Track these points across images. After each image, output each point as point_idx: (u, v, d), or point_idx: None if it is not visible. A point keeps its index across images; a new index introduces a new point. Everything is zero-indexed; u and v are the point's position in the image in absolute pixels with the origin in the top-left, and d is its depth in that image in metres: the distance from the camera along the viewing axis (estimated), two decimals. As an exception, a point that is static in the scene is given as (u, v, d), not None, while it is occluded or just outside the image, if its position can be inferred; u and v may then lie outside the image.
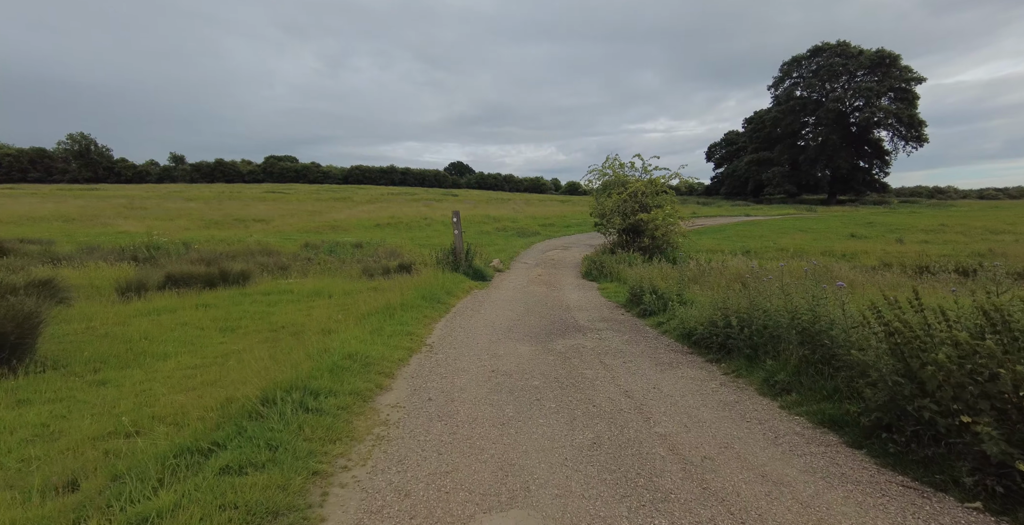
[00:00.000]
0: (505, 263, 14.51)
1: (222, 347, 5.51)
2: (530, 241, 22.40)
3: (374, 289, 8.89)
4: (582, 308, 7.73)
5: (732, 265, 11.27)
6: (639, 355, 5.19)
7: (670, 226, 12.61)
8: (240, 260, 12.29)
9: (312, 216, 33.07)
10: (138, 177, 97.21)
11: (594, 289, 10.26)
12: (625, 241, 12.79)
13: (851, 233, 22.72)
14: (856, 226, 26.54)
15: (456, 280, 9.53)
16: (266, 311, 7.29)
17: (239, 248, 14.96)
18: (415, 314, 6.33)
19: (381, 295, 7.47)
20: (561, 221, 34.46)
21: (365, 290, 8.84)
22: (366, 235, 23.23)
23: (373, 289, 8.87)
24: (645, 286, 7.07)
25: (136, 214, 30.79)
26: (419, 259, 13.16)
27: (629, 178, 13.51)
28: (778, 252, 16.41)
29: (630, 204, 12.93)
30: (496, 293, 9.28)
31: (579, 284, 11.07)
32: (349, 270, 12.12)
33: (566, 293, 9.48)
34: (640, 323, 6.60)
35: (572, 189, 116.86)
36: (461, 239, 11.28)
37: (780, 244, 18.42)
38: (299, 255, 13.61)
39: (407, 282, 8.73)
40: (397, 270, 11.80)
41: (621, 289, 9.81)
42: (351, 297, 8.15)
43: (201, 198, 49.93)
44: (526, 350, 5.38)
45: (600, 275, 11.76)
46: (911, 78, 49.33)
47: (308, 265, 12.54)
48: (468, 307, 7.52)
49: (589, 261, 12.93)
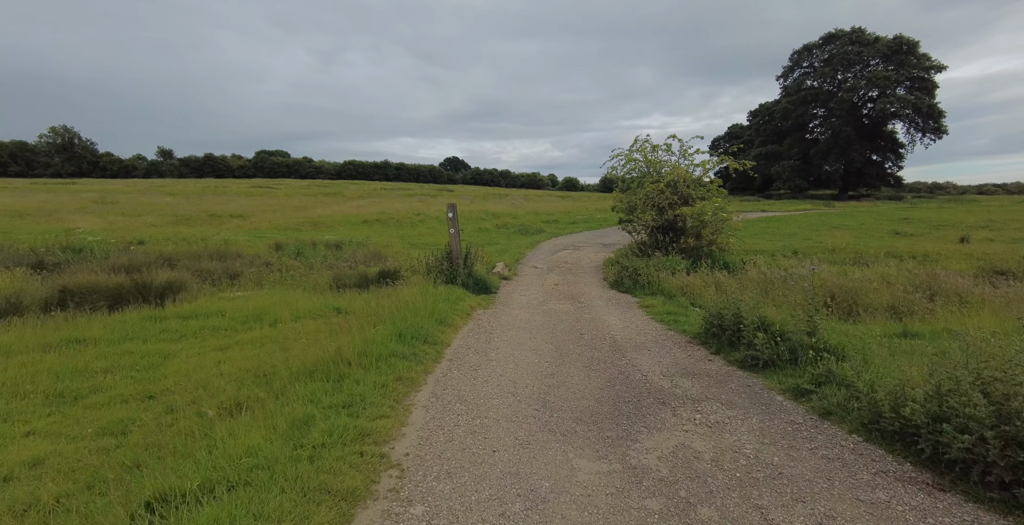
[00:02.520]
0: (511, 267, 12.04)
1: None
2: (535, 240, 19.89)
3: (337, 312, 6.41)
4: (639, 345, 5.25)
5: (806, 274, 8.83)
6: (821, 485, 2.62)
7: (721, 222, 10.15)
8: (181, 266, 9.77)
9: (296, 212, 30.56)
10: (124, 172, 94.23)
11: (634, 306, 7.80)
12: (660, 241, 10.33)
13: (894, 230, 20.37)
14: (892, 223, 24.22)
15: (452, 296, 7.05)
16: (163, 353, 4.80)
17: (194, 249, 12.42)
18: (380, 376, 3.69)
19: (339, 332, 4.97)
20: (566, 217, 31.99)
21: (324, 313, 6.36)
22: (351, 233, 20.70)
23: (336, 312, 6.39)
24: (746, 317, 4.51)
25: (102, 209, 28.17)
26: (407, 264, 10.68)
27: (664, 163, 11.02)
28: (830, 253, 14.01)
29: (667, 196, 10.45)
30: (507, 316, 6.80)
31: (611, 298, 8.61)
32: (317, 279, 9.62)
33: (601, 314, 7.02)
34: (755, 383, 4.03)
35: (570, 185, 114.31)
36: (459, 239, 8.80)
37: (826, 243, 16.02)
38: (259, 259, 11.08)
39: (385, 302, 6.24)
40: (377, 280, 9.31)
41: (675, 308, 7.36)
42: (299, 326, 5.66)
43: (182, 193, 47.31)
44: (588, 471, 2.79)
45: (635, 285, 9.30)
46: (930, 66, 46.92)
47: (266, 272, 10.03)
48: (470, 349, 5.00)
49: (616, 267, 10.47)
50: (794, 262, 10.85)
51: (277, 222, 24.78)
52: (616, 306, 7.79)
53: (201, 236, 16.78)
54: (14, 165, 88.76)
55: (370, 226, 24.57)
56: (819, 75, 55.03)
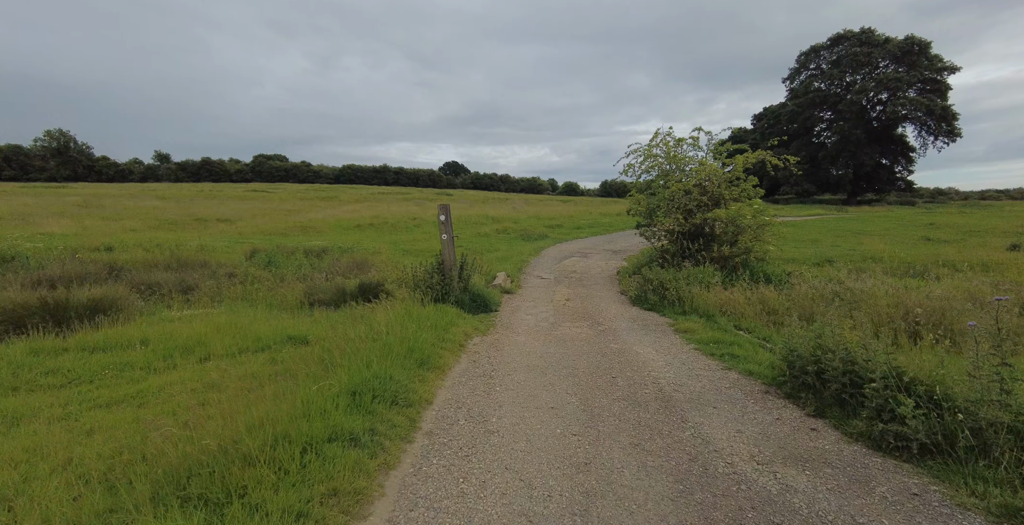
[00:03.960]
0: (514, 278, 10.58)
1: None
2: (538, 246, 18.42)
3: (292, 342, 4.93)
4: (699, 398, 3.73)
5: (868, 289, 7.36)
6: None
7: (762, 228, 8.68)
8: (127, 278, 8.31)
9: (287, 216, 29.22)
10: (120, 176, 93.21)
11: (667, 330, 6.32)
12: (688, 249, 8.86)
13: (924, 236, 18.91)
14: (918, 228, 22.78)
15: (442, 321, 5.57)
16: (12, 415, 3.32)
17: (156, 257, 10.97)
18: (301, 492, 2.13)
19: (281, 378, 3.49)
20: (569, 222, 30.57)
21: (276, 343, 4.88)
22: (341, 238, 19.29)
23: (290, 342, 4.91)
24: (867, 365, 2.91)
25: (82, 213, 26.85)
26: (394, 274, 9.21)
27: (690, 160, 9.55)
28: (870, 262, 12.54)
29: (695, 197, 9.00)
30: (511, 346, 5.31)
31: (636, 318, 7.13)
32: (286, 293, 8.16)
33: (631, 342, 5.54)
34: (925, 490, 2.43)
35: (570, 189, 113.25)
36: (452, 247, 7.33)
37: (861, 250, 14.57)
38: (224, 268, 9.60)
39: (354, 329, 4.76)
40: (356, 295, 7.84)
41: (720, 334, 5.88)
42: (234, 364, 4.19)
43: (174, 197, 46.14)
44: None
45: (662, 301, 7.83)
46: (942, 67, 45.68)
47: (228, 285, 8.56)
48: (460, 412, 3.45)
49: (637, 279, 9.00)
50: (832, 272, 9.38)
51: (265, 227, 23.43)
52: (645, 330, 6.31)
53: (177, 241, 15.38)
54: (8, 169, 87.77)
55: (362, 231, 23.16)
56: (827, 77, 53.76)
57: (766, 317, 6.98)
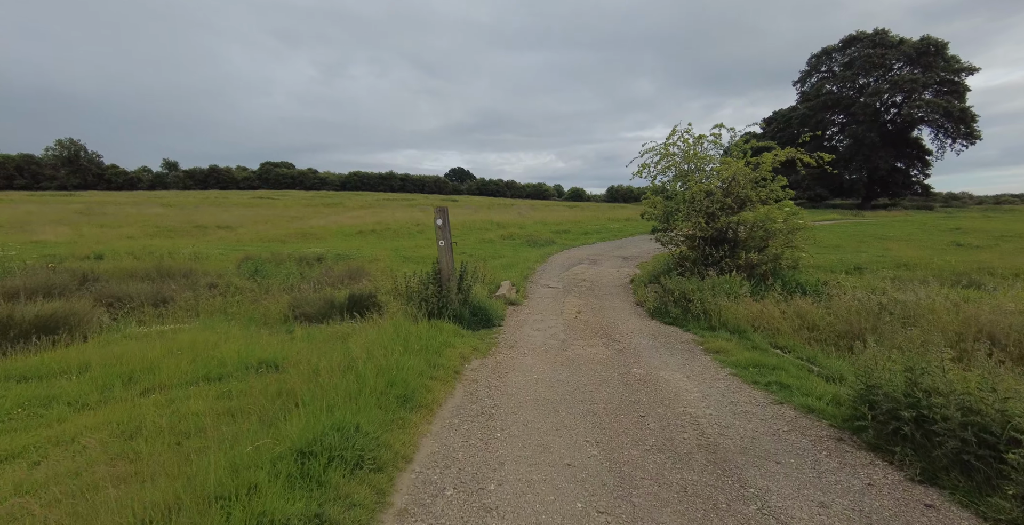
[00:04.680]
0: (519, 287, 9.78)
1: None
2: (545, 252, 17.60)
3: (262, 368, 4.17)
4: (754, 449, 2.90)
5: (924, 302, 6.46)
6: None
7: (794, 232, 7.81)
8: (93, 290, 7.62)
9: (290, 223, 28.70)
10: (129, 184, 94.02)
11: (696, 350, 5.47)
12: (711, 256, 8.01)
13: (954, 242, 17.88)
14: (944, 233, 21.73)
15: (435, 341, 4.77)
16: None
17: (139, 266, 10.29)
18: None
19: (235, 418, 2.73)
20: (576, 227, 29.74)
21: (242, 369, 4.12)
22: (341, 244, 18.60)
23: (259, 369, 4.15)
24: (1001, 417, 2.12)
25: (82, 220, 26.55)
26: (390, 284, 8.45)
27: (711, 159, 8.73)
28: (905, 270, 11.61)
29: (717, 199, 8.17)
30: (516, 373, 4.49)
31: (657, 333, 6.29)
32: (269, 306, 7.41)
33: (657, 367, 4.70)
34: None
35: (576, 195, 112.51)
36: (451, 254, 6.54)
37: (891, 257, 13.62)
38: (206, 278, 8.88)
39: (334, 353, 3.98)
40: (345, 308, 7.08)
41: (759, 355, 5.03)
42: (181, 398, 3.43)
43: (178, 204, 46.04)
44: None
45: (685, 315, 6.98)
46: (960, 68, 44.55)
47: (208, 297, 7.83)
48: (449, 474, 2.58)
49: (655, 289, 8.16)
50: (871, 280, 8.48)
51: (265, 234, 22.87)
52: (670, 349, 5.47)
53: (170, 249, 14.80)
54: (20, 178, 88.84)
55: (364, 237, 22.51)
56: (839, 79, 52.74)
57: (806, 334, 6.12)
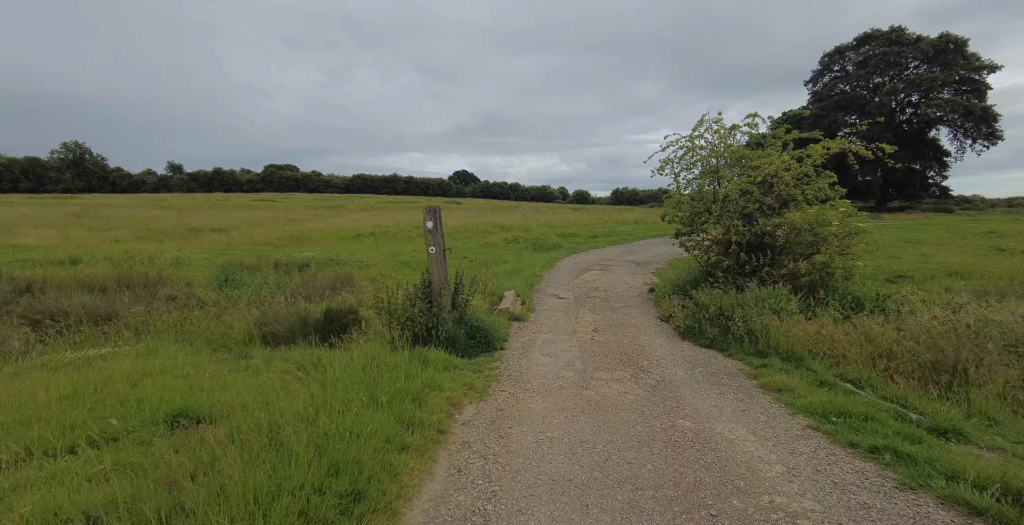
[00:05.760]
0: (525, 298, 8.66)
1: None
2: (552, 257, 16.45)
3: (178, 423, 3.07)
4: None
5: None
6: None
7: (851, 237, 6.62)
8: (27, 302, 6.58)
9: (287, 226, 27.74)
10: (133, 186, 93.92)
11: (754, 390, 4.32)
12: (746, 265, 6.85)
13: (994, 247, 16.57)
14: (976, 237, 20.40)
15: (417, 382, 3.64)
16: None
17: (98, 274, 9.24)
18: None
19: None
20: (584, 230, 28.59)
21: (144, 426, 3.03)
22: (336, 249, 17.53)
23: (174, 423, 3.04)
24: None
25: (74, 223, 25.76)
26: (376, 294, 7.36)
27: (747, 152, 7.58)
28: (955, 278, 10.39)
29: (755, 198, 7.01)
30: (523, 428, 3.35)
31: (694, 361, 5.14)
32: (232, 323, 6.33)
33: (712, 421, 3.56)
34: None
35: (581, 198, 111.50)
36: (444, 263, 5.43)
37: (933, 263, 12.38)
38: (169, 288, 7.81)
39: (278, 404, 2.86)
40: (321, 326, 5.98)
41: (840, 397, 3.87)
42: (16, 496, 2.30)
43: (177, 206, 45.46)
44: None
45: (724, 337, 5.82)
46: (981, 66, 43.08)
47: (164, 311, 6.75)
48: None
49: (680, 301, 7.01)
50: (941, 294, 7.28)
51: (258, 237, 21.89)
52: (717, 385, 4.31)
53: (154, 253, 13.83)
54: (25, 181, 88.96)
55: (361, 240, 21.46)
56: (852, 79, 51.31)
57: (882, 363, 4.95)
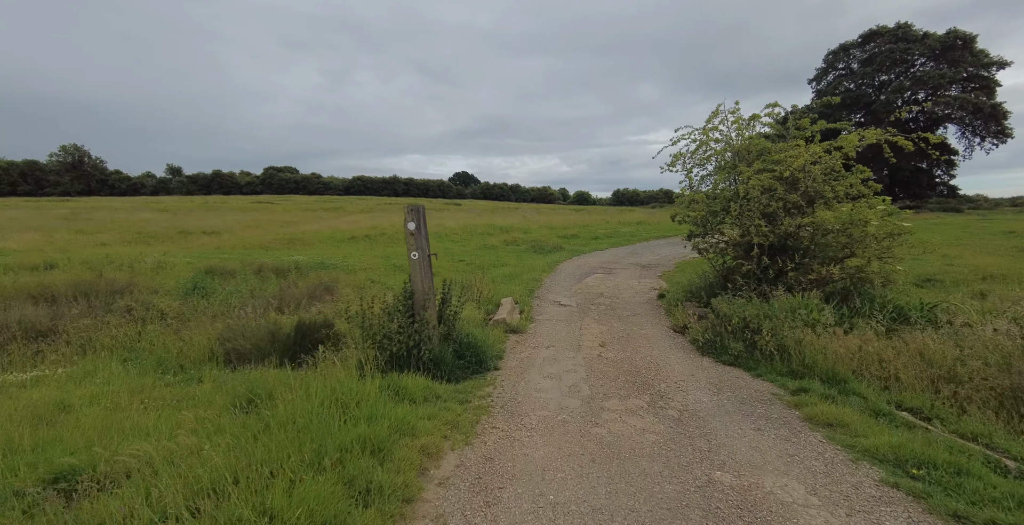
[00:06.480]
0: (524, 306, 7.92)
1: None
2: (553, 259, 15.69)
3: (56, 489, 2.29)
4: None
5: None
6: None
7: (892, 238, 5.86)
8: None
9: (281, 227, 27.06)
10: (132, 189, 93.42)
11: (798, 425, 3.57)
12: (769, 269, 6.10)
13: (1016, 247, 15.81)
14: (994, 237, 19.66)
15: (384, 425, 2.89)
16: None
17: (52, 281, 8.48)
18: None
19: None
20: (585, 232, 27.86)
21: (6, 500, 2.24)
22: (328, 251, 16.80)
23: (15, 497, 2.27)
24: None
25: (61, 226, 25.05)
26: (361, 304, 6.62)
27: (767, 146, 6.84)
28: (989, 282, 9.63)
29: (779, 195, 6.27)
30: (517, 488, 2.60)
31: (720, 384, 4.39)
32: (193, 337, 5.58)
33: (756, 471, 2.82)
34: None
35: (581, 199, 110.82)
36: (428, 272, 4.69)
37: (960, 265, 11.62)
38: (127, 298, 7.07)
39: (194, 466, 2.13)
40: (291, 341, 5.25)
41: (904, 439, 3.09)
42: None
43: (172, 209, 44.82)
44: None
45: (750, 353, 5.07)
46: (990, 62, 42.30)
47: (116, 324, 6.02)
48: None
49: (695, 310, 6.26)
50: (987, 303, 6.53)
51: (250, 240, 21.17)
52: (751, 418, 3.56)
53: (136, 257, 13.12)
54: (24, 184, 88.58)
55: (356, 243, 20.73)
56: (857, 77, 50.55)
57: (948, 387, 4.18)
